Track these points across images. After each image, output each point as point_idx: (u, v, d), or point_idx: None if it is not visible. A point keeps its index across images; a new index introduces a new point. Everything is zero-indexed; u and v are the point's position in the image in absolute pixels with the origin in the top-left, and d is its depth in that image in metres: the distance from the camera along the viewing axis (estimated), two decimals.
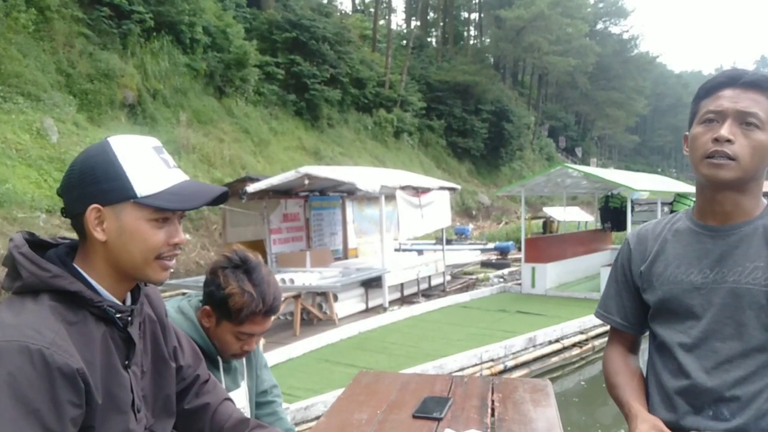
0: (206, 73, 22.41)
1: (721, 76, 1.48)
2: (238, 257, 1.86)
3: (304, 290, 8.65)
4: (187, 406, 1.47)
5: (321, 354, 7.37)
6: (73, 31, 17.66)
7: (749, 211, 1.47)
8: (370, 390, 2.35)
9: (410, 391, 2.31)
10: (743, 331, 1.43)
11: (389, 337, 8.32)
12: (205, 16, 22.83)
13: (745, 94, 1.41)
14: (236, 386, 2.00)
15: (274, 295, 1.85)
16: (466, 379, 2.52)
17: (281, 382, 6.25)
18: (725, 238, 1.48)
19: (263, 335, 1.98)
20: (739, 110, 1.40)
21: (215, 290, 1.82)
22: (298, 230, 11.93)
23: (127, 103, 18.31)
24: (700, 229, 1.53)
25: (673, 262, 1.55)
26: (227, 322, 1.83)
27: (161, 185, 1.19)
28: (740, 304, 1.43)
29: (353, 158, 28.15)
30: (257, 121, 24.11)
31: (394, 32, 46.15)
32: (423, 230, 11.33)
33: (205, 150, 19.45)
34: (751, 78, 1.42)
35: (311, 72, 27.33)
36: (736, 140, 1.40)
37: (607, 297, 1.74)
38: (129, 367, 1.23)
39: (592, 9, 59.22)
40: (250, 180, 10.86)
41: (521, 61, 54.78)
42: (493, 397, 2.25)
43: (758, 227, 1.45)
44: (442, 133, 38.99)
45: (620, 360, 1.71)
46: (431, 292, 12.14)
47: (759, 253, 1.43)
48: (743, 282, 1.43)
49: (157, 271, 1.22)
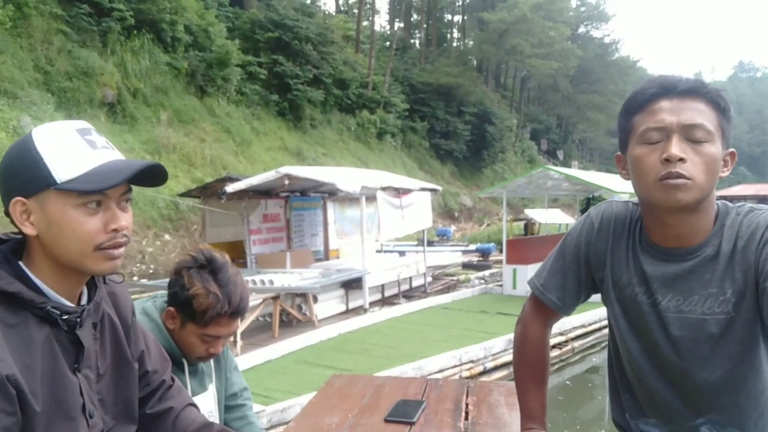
0: (188, 72, 22.25)
1: (652, 85, 1.31)
2: (204, 257, 1.79)
3: (282, 291, 8.58)
4: (150, 411, 1.41)
5: (299, 356, 7.31)
6: (51, 28, 17.44)
7: (703, 230, 1.34)
8: (343, 393, 2.32)
9: (384, 395, 2.27)
10: (705, 364, 1.35)
11: (369, 339, 8.29)
12: (186, 15, 22.67)
13: (685, 104, 1.27)
14: (203, 389, 1.94)
15: (240, 296, 1.78)
16: (441, 382, 2.48)
17: (258, 384, 6.20)
18: (680, 263, 1.36)
19: (232, 336, 1.92)
20: (684, 124, 1.26)
21: (179, 291, 1.75)
22: (278, 231, 11.87)
23: (106, 101, 18.12)
24: (652, 250, 1.41)
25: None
26: (192, 323, 1.76)
27: (83, 167, 1.07)
28: (698, 337, 1.35)
29: (336, 159, 28.11)
30: (239, 121, 23.98)
31: (378, 33, 46.20)
32: (404, 231, 11.32)
33: (185, 150, 19.30)
34: (689, 85, 1.28)
35: (294, 72, 27.24)
36: (688, 158, 1.25)
37: (549, 272, 1.60)
38: (79, 370, 1.16)
39: (574, 13, 59.61)
40: (229, 180, 10.79)
41: (504, 64, 55.00)
42: (467, 400, 2.22)
43: (713, 249, 1.33)
44: (424, 135, 39.06)
45: (538, 338, 1.64)
46: (412, 293, 12.13)
47: (712, 279, 1.32)
48: (698, 312, 1.34)
49: (99, 263, 1.11)
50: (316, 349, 7.67)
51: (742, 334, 1.32)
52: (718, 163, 1.28)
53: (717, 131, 1.27)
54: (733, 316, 1.31)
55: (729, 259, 1.32)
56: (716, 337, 1.33)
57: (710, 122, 1.26)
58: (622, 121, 1.38)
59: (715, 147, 1.26)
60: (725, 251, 1.32)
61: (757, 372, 1.35)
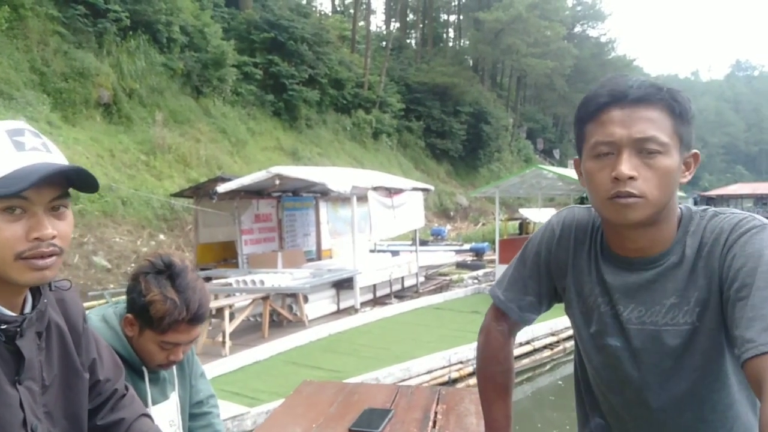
0: (183, 72, 22.23)
1: (603, 92, 1.23)
2: (163, 262, 1.74)
3: (272, 292, 8.58)
4: (101, 422, 1.36)
5: (288, 356, 7.31)
6: (47, 29, 17.43)
7: (664, 239, 1.28)
8: (311, 401, 2.29)
9: (352, 402, 2.24)
10: (669, 377, 1.30)
11: (359, 339, 8.29)
12: (182, 16, 22.66)
13: (636, 114, 1.19)
14: (165, 398, 1.89)
15: (199, 302, 1.73)
16: (412, 390, 2.48)
17: (245, 385, 6.21)
18: (642, 272, 1.30)
19: (194, 344, 1.89)
20: (635, 138, 1.18)
21: (137, 297, 1.70)
22: (270, 231, 11.86)
23: (102, 102, 18.11)
24: (614, 260, 1.35)
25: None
26: (150, 330, 1.72)
27: (2, 170, 1.01)
28: (661, 349, 1.29)
29: (331, 159, 28.10)
30: (234, 121, 23.98)
31: (374, 33, 46.16)
32: (395, 231, 11.31)
33: (181, 150, 19.30)
34: (640, 92, 1.19)
35: (289, 72, 27.26)
36: (639, 174, 1.19)
37: (510, 281, 1.55)
38: (20, 382, 1.11)
39: (570, 12, 59.73)
40: (221, 180, 10.79)
41: (500, 63, 55.00)
42: (437, 408, 2.19)
43: (675, 257, 1.27)
44: (420, 135, 39.04)
45: (500, 348, 1.60)
46: (404, 293, 12.12)
47: (675, 289, 1.26)
48: (661, 323, 1.28)
49: (23, 273, 1.05)
50: (305, 350, 7.67)
51: (707, 345, 1.25)
52: (673, 175, 1.21)
53: (673, 139, 1.20)
54: (697, 327, 1.25)
55: (692, 267, 1.25)
56: (680, 348, 1.27)
57: (664, 132, 1.19)
58: (576, 127, 1.31)
59: (670, 158, 1.19)
60: (688, 259, 1.26)
61: (723, 385, 1.29)
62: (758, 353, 1.04)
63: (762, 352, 1.03)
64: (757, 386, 1.04)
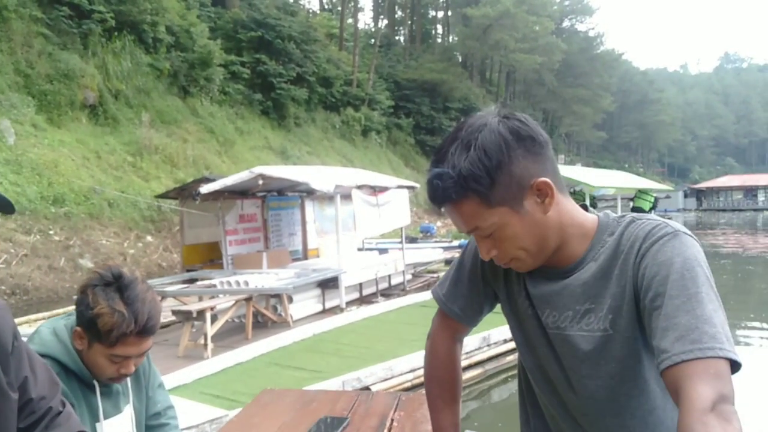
0: (170, 72, 22.19)
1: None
2: (111, 274, 1.72)
3: (255, 293, 8.56)
4: None
5: (271, 357, 7.29)
6: (31, 31, 17.35)
7: (577, 251, 1.28)
8: (268, 410, 2.26)
9: (310, 411, 2.23)
10: (588, 382, 1.30)
11: (343, 339, 8.27)
12: (168, 16, 22.61)
13: (452, 214, 1.22)
14: (118, 411, 1.86)
15: (149, 314, 1.70)
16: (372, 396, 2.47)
17: (226, 387, 6.20)
18: (558, 280, 1.30)
19: (145, 357, 1.88)
20: (468, 231, 1.23)
21: (84, 310, 1.68)
22: (255, 231, 11.85)
23: (87, 103, 18.04)
24: (535, 270, 1.34)
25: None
26: (98, 344, 1.70)
27: None
28: (577, 354, 1.29)
29: (321, 157, 28.08)
30: (222, 120, 23.95)
31: (362, 31, 46.15)
32: (381, 229, 11.30)
33: (168, 150, 19.26)
34: (441, 198, 1.19)
35: (277, 71, 27.24)
36: (498, 249, 1.23)
37: (451, 282, 1.54)
38: None
39: (558, 7, 59.84)
40: (206, 180, 10.78)
41: (488, 59, 55.05)
42: (394, 415, 2.17)
43: (591, 265, 1.27)
44: (410, 132, 39.12)
45: (446, 352, 1.58)
46: (391, 291, 12.11)
47: (589, 295, 1.26)
48: (575, 329, 1.28)
49: None
50: (289, 351, 7.64)
51: (622, 352, 1.25)
52: (525, 227, 1.20)
53: (497, 210, 1.18)
54: (611, 334, 1.24)
55: (606, 274, 1.24)
56: (594, 355, 1.27)
57: (481, 216, 1.18)
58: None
59: (508, 225, 1.19)
60: (603, 266, 1.25)
61: (641, 392, 1.29)
62: (672, 363, 1.05)
63: (675, 362, 1.04)
64: (675, 395, 1.05)
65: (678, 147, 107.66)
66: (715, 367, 1.02)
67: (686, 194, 72.35)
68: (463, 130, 1.18)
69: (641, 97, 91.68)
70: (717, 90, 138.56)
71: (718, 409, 0.97)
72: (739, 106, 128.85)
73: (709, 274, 1.16)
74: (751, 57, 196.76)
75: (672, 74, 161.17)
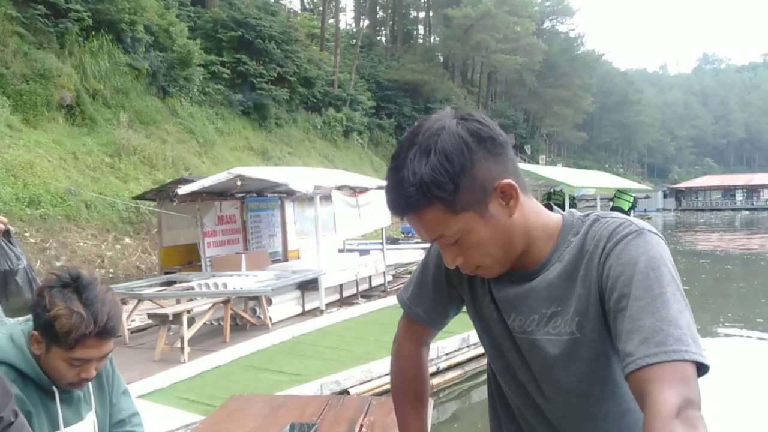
0: (149, 72, 21.96)
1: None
2: (69, 275, 1.68)
3: (233, 295, 8.48)
4: None
5: (249, 361, 7.22)
6: (6, 29, 17.09)
7: (542, 253, 1.25)
8: (235, 417, 2.24)
9: (278, 416, 2.20)
10: (558, 386, 1.27)
11: (323, 341, 8.22)
12: (146, 15, 22.38)
13: (416, 223, 1.16)
14: (79, 418, 1.81)
15: (108, 315, 1.66)
16: (342, 400, 2.43)
17: (203, 392, 6.13)
18: (522, 283, 1.26)
19: (106, 360, 1.82)
20: (432, 240, 1.18)
21: (41, 312, 1.64)
22: (234, 233, 11.75)
23: (64, 104, 17.80)
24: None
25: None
26: (57, 347, 1.65)
27: None
28: (545, 358, 1.26)
29: (302, 158, 27.99)
30: (202, 121, 23.75)
31: (343, 31, 46.13)
32: (361, 230, 11.27)
33: (146, 151, 19.06)
34: (403, 208, 1.14)
35: (258, 71, 27.10)
36: (464, 256, 1.19)
37: (415, 285, 1.50)
38: None
39: (539, 8, 60.24)
40: (184, 181, 10.68)
41: (470, 60, 55.23)
42: (363, 420, 2.15)
43: (556, 266, 1.23)
44: (392, 132, 39.12)
45: (412, 357, 1.55)
46: (372, 292, 12.08)
47: (554, 298, 1.23)
48: (542, 332, 1.25)
49: None
50: (267, 354, 7.58)
51: (590, 355, 1.22)
52: (491, 233, 1.16)
53: (462, 217, 1.13)
54: (578, 337, 1.21)
55: (571, 275, 1.21)
56: (562, 359, 1.24)
57: (446, 223, 1.13)
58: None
59: (473, 231, 1.15)
60: (568, 267, 1.21)
61: (613, 395, 1.26)
62: (637, 367, 1.02)
63: (640, 366, 1.01)
64: (640, 400, 1.02)
65: (657, 147, 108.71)
66: (681, 370, 1.00)
67: (665, 194, 73.16)
68: (421, 134, 1.12)
69: (621, 98, 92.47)
70: (696, 91, 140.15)
71: (684, 415, 0.94)
72: (717, 106, 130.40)
73: (675, 273, 1.13)
74: (729, 58, 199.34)
75: (651, 75, 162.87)
